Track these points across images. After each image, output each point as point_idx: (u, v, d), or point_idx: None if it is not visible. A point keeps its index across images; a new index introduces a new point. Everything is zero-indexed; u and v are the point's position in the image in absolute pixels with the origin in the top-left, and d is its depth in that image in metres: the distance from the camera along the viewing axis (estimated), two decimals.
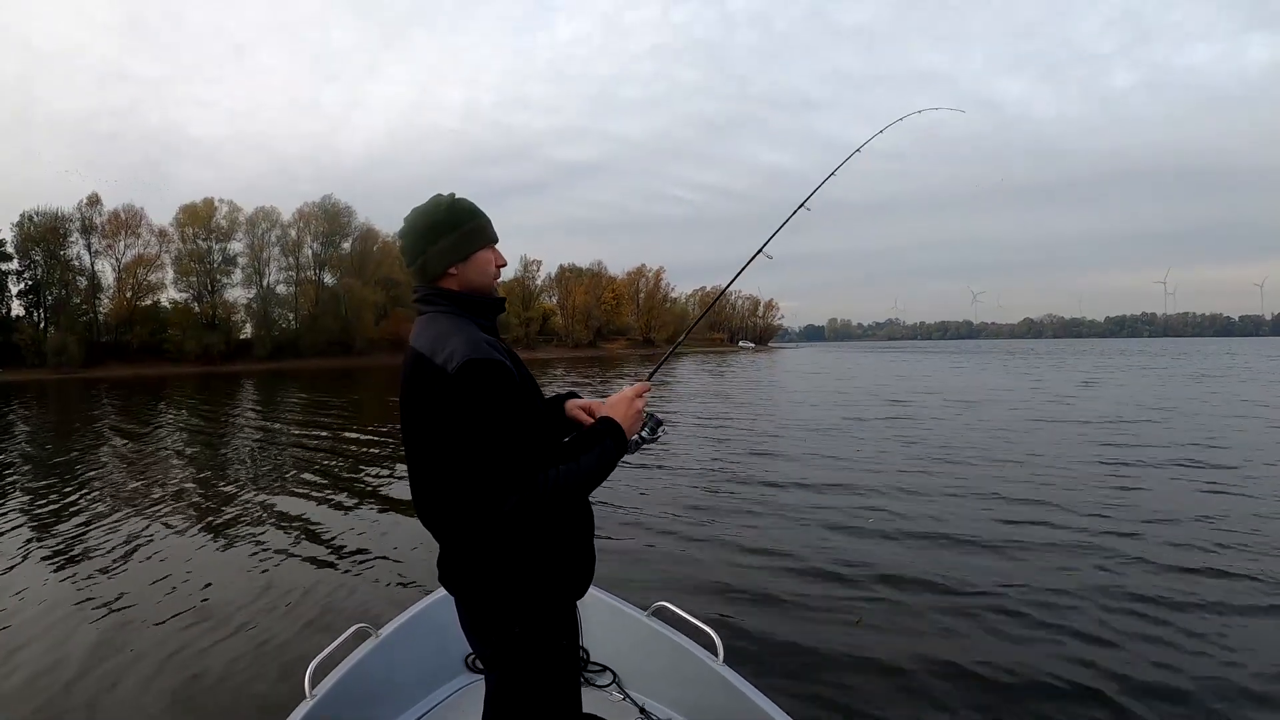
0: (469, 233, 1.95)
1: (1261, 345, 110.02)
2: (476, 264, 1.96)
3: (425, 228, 1.93)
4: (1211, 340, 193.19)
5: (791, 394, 25.97)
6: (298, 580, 6.01)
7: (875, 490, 8.60)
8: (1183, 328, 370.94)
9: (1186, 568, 5.65)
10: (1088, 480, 8.88)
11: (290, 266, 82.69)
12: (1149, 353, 67.85)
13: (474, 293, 1.96)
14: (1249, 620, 4.70)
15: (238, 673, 4.33)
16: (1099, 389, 23.68)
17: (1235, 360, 47.29)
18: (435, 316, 1.92)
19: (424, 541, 6.18)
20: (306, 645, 4.58)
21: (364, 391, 32.22)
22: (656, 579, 5.70)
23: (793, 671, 4.13)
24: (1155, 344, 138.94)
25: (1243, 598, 5.04)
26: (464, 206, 1.97)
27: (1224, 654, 4.22)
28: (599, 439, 1.95)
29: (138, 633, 4.90)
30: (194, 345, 70.23)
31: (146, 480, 10.67)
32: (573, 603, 2.03)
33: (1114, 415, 15.78)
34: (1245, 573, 5.50)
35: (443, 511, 1.87)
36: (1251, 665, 4.06)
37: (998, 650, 4.34)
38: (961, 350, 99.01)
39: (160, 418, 21.63)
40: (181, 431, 17.77)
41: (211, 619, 5.15)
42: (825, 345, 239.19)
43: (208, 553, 6.85)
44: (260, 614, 5.25)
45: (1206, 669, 4.03)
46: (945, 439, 12.80)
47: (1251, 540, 6.29)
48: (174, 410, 24.40)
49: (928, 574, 5.62)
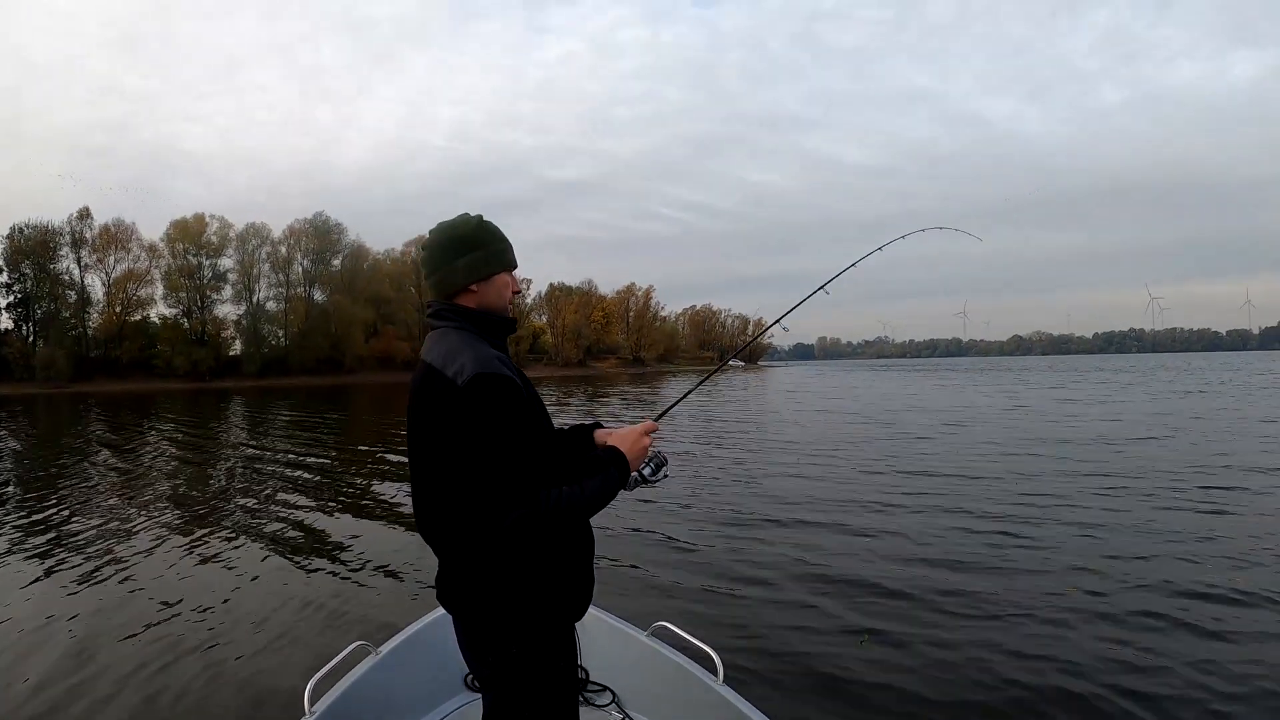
0: (493, 254, 1.99)
1: (1254, 360, 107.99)
2: (495, 286, 2.00)
3: (450, 242, 1.97)
4: (1201, 355, 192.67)
5: (781, 414, 26.00)
6: (296, 597, 5.98)
7: (879, 510, 8.58)
8: (1171, 343, 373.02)
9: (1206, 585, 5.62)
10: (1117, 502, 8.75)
11: (280, 283, 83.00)
12: (1172, 369, 63.40)
13: (489, 312, 2.00)
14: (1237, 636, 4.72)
15: (237, 689, 4.33)
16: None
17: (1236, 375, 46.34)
18: (448, 332, 1.95)
19: (423, 559, 6.50)
20: (305, 662, 4.53)
21: (355, 410, 32.24)
22: (656, 598, 5.72)
23: (794, 692, 4.16)
24: (1150, 359, 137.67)
25: (1236, 616, 5.05)
26: (490, 228, 2.02)
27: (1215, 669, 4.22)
28: (604, 467, 1.98)
29: (132, 650, 4.87)
30: (183, 361, 70.39)
31: (139, 497, 10.64)
32: (571, 625, 2.04)
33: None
34: (1238, 588, 5.53)
35: (444, 524, 1.89)
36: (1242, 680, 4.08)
37: (1005, 672, 4.31)
38: (956, 368, 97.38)
39: (150, 434, 21.62)
40: (173, 447, 17.76)
41: (209, 635, 5.14)
42: (815, 364, 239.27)
43: (203, 570, 6.84)
44: (258, 631, 5.24)
45: (1213, 685, 4.03)
46: (949, 458, 12.78)
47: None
48: (163, 426, 24.36)
49: (932, 594, 5.61)
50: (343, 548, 7.53)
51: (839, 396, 35.67)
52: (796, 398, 35.40)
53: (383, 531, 8.31)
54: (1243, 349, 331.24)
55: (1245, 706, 3.80)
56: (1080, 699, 3.93)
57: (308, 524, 8.67)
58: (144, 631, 5.22)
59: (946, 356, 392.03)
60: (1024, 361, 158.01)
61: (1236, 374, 47.92)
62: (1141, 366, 78.86)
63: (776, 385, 50.91)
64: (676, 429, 18.70)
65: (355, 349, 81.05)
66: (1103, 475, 10.44)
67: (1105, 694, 3.97)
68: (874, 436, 16.78)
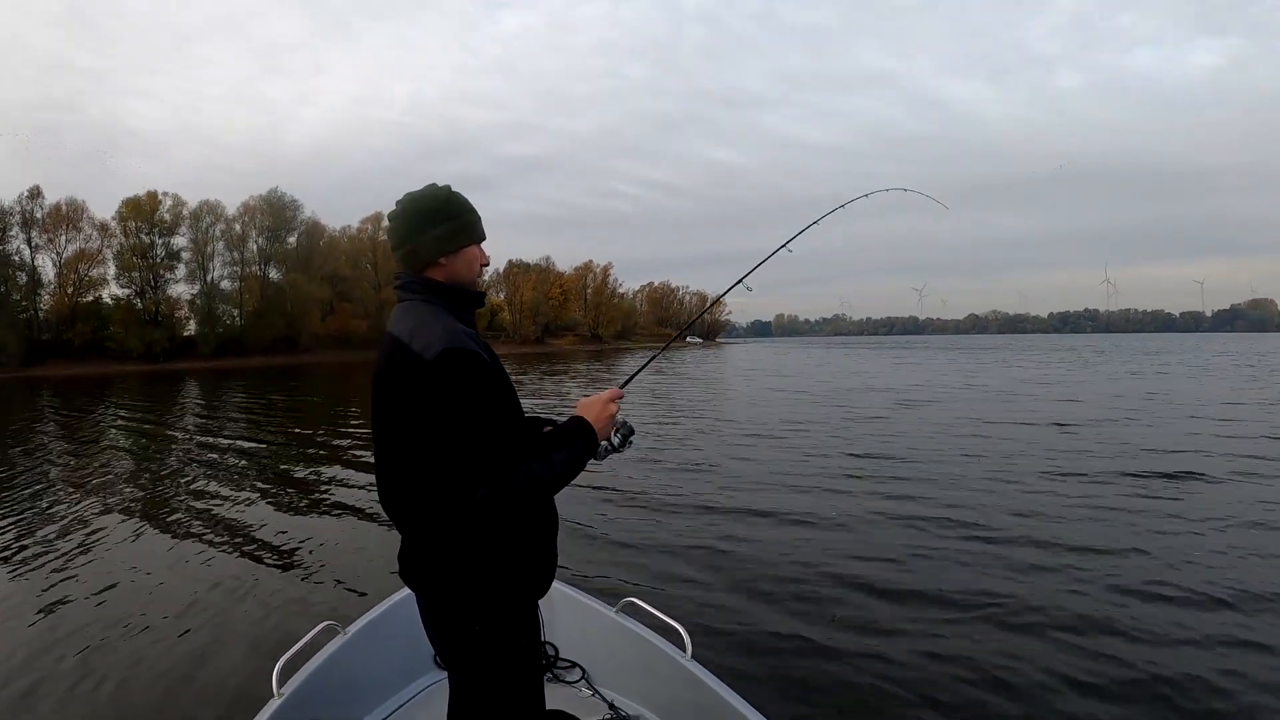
0: (462, 227, 1.96)
1: (1208, 341, 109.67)
2: (465, 258, 1.97)
3: (420, 214, 1.93)
4: (1157, 336, 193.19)
5: (744, 391, 26.69)
6: (261, 579, 6.04)
7: (847, 489, 8.75)
8: (1125, 324, 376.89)
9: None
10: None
11: (235, 261, 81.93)
12: (1149, 351, 62.62)
13: (457, 285, 1.97)
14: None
15: (204, 672, 4.36)
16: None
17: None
18: (415, 305, 1.92)
19: (388, 538, 6.56)
20: (273, 643, 4.56)
21: (307, 390, 32.02)
22: (624, 575, 5.80)
23: (760, 666, 4.23)
24: (1108, 339, 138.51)
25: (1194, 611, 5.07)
26: (460, 200, 1.98)
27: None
28: (571, 439, 1.96)
29: (96, 634, 4.94)
30: (136, 343, 69.49)
31: (96, 484, 10.59)
32: (534, 602, 2.03)
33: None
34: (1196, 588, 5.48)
35: (409, 501, 1.86)
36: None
37: (973, 648, 4.42)
38: (910, 346, 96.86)
39: (104, 419, 21.37)
40: (128, 433, 17.61)
41: (174, 621, 5.16)
42: (773, 341, 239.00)
43: (163, 555, 6.85)
44: (223, 613, 5.29)
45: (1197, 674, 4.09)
46: (923, 437, 13.10)
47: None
48: (119, 410, 24.13)
49: (902, 572, 5.76)
50: (305, 530, 7.59)
51: (797, 374, 35.86)
52: (755, 377, 35.10)
53: (345, 513, 8.37)
54: (1195, 330, 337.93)
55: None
56: (1048, 680, 4.04)
57: (268, 508, 8.74)
58: (108, 617, 5.26)
59: (904, 335, 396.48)
60: (981, 340, 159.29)
61: (1184, 356, 48.33)
62: (1100, 346, 79.26)
63: (736, 364, 50.29)
64: (634, 407, 18.77)
65: (311, 327, 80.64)
66: (1047, 456, 10.81)
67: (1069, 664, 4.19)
68: (842, 417, 16.77)
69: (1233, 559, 6.05)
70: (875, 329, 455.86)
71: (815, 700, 3.89)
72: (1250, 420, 15.06)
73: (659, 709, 3.01)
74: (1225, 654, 4.35)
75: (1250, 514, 7.38)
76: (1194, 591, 5.32)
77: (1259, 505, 7.76)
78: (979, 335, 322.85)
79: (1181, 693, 3.91)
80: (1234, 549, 6.31)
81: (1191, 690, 3.93)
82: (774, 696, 3.84)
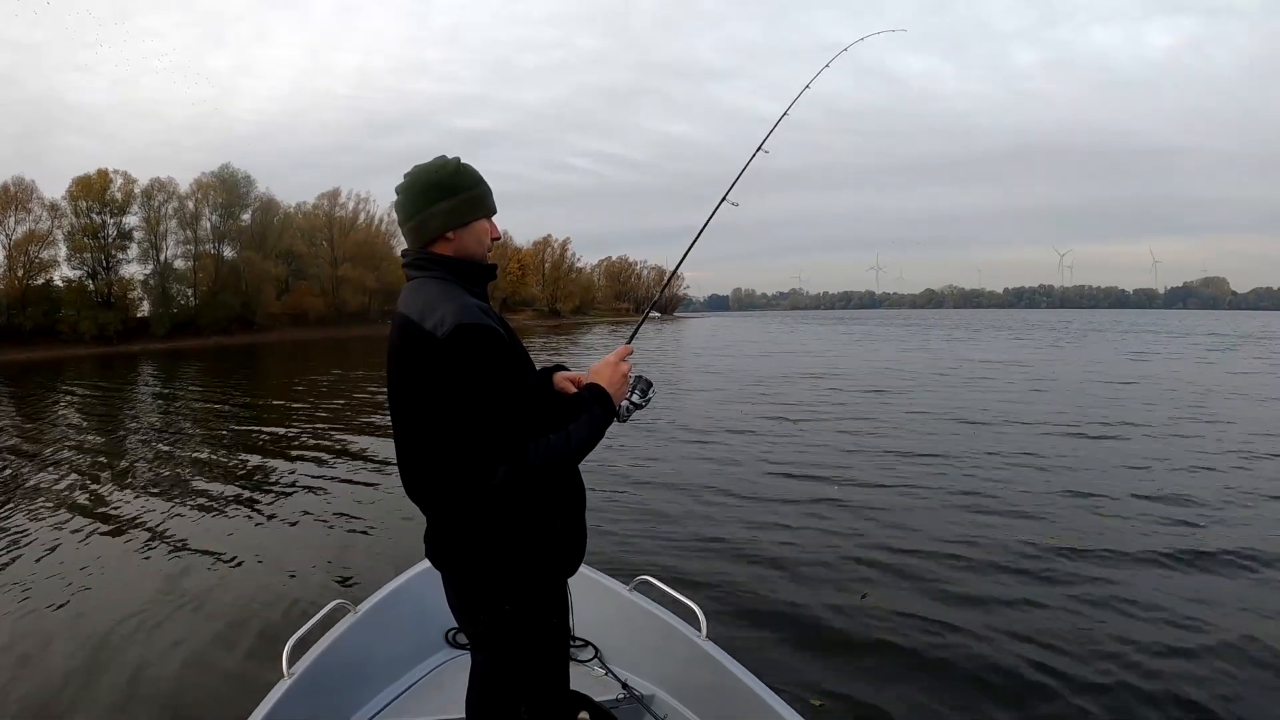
0: (472, 199, 1.93)
1: (1164, 317, 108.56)
2: (474, 233, 1.94)
3: (427, 187, 1.90)
4: (1114, 312, 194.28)
5: (744, 361, 27.36)
6: (269, 558, 6.02)
7: (862, 466, 8.76)
8: (1079, 300, 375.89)
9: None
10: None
11: (188, 240, 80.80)
12: (1132, 328, 60.10)
13: (468, 259, 1.94)
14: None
15: (214, 652, 4.36)
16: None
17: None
18: (425, 281, 1.89)
19: (395, 516, 6.81)
20: (282, 623, 4.55)
21: (263, 369, 31.65)
22: (638, 553, 5.74)
23: (776, 645, 4.20)
24: (1065, 314, 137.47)
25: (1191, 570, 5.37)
26: (470, 172, 1.95)
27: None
28: (586, 406, 1.92)
29: (107, 621, 4.89)
30: (89, 326, 68.48)
31: (103, 461, 10.71)
32: (564, 580, 2.02)
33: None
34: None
35: (430, 483, 1.85)
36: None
37: (1003, 635, 4.33)
38: (864, 320, 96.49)
39: (70, 404, 21.13)
40: (98, 419, 17.40)
41: (183, 599, 5.18)
42: (730, 315, 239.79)
43: (169, 535, 6.83)
44: (232, 593, 5.28)
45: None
46: (943, 403, 13.66)
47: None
48: (79, 394, 23.86)
49: (930, 557, 5.64)
50: (313, 508, 7.63)
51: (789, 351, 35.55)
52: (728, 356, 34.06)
53: (353, 490, 8.49)
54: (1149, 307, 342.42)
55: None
56: (1075, 670, 3.99)
57: (266, 484, 8.84)
58: (119, 601, 5.23)
59: (860, 309, 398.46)
60: (936, 315, 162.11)
61: (1166, 336, 46.41)
62: (1051, 321, 79.29)
63: (705, 340, 48.69)
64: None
65: (267, 306, 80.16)
66: (998, 426, 11.32)
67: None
68: (859, 389, 16.96)
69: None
70: (833, 303, 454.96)
71: (832, 682, 3.87)
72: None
73: (674, 688, 2.96)
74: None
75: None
76: None
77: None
78: (935, 310, 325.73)
79: None
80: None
81: None
82: (790, 677, 3.79)
